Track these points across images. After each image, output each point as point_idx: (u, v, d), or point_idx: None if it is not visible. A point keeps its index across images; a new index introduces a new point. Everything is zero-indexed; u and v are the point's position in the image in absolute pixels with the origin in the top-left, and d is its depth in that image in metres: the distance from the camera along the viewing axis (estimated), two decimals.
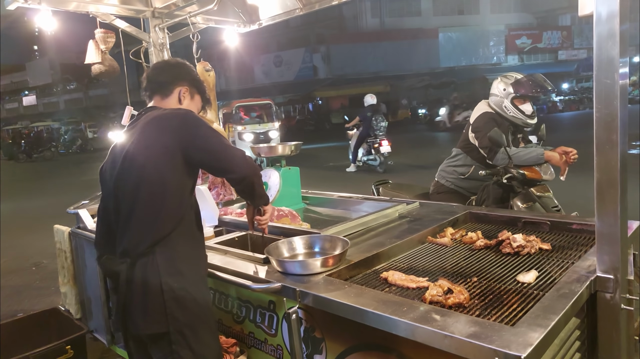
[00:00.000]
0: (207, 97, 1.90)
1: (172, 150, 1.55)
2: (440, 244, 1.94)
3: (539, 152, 2.72)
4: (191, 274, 1.58)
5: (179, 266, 1.55)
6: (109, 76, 3.06)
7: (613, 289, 1.39)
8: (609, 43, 1.27)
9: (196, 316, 1.56)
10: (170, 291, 1.51)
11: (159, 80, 1.76)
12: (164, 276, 1.51)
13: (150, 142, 1.57)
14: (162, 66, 1.85)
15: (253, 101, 14.99)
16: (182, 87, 1.76)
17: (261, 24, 3.39)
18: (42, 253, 5.63)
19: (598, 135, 1.32)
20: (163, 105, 1.73)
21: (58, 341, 2.57)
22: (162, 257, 1.52)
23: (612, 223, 1.36)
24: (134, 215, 1.54)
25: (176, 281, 1.53)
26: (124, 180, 1.57)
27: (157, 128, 1.59)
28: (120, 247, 1.56)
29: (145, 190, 1.53)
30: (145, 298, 1.52)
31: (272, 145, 2.77)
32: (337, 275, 1.60)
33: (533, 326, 1.13)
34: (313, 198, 3.01)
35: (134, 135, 1.60)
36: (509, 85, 2.89)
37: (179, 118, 1.60)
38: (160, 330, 1.52)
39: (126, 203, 1.56)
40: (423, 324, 1.18)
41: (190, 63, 1.89)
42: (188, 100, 1.78)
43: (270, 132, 13.07)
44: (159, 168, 1.54)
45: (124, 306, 1.56)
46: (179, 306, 1.52)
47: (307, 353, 1.54)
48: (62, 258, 3.05)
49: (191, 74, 1.81)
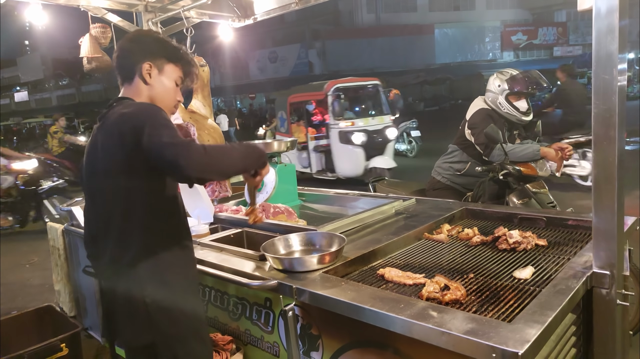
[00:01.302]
0: (188, 61, 1.58)
1: (129, 160, 1.36)
2: (437, 240, 1.94)
3: (535, 148, 2.72)
4: (178, 283, 1.48)
5: (165, 276, 1.45)
6: (101, 71, 3.02)
7: (609, 285, 1.40)
8: (608, 38, 1.26)
9: (184, 326, 1.48)
10: (155, 303, 1.42)
11: (120, 64, 1.53)
12: (147, 288, 1.42)
13: (108, 153, 1.41)
14: (120, 47, 1.55)
15: (357, 81, 9.30)
16: (144, 63, 1.49)
17: (256, 18, 3.36)
18: (36, 250, 5.60)
19: (596, 131, 1.32)
20: (129, 93, 1.52)
21: (53, 339, 2.54)
22: (145, 267, 1.42)
23: (608, 219, 1.36)
24: (111, 226, 1.44)
25: (161, 293, 1.43)
26: (94, 188, 1.49)
27: (110, 137, 1.40)
28: (105, 256, 1.48)
29: (117, 202, 1.42)
30: (130, 309, 1.44)
31: (268, 141, 2.75)
32: (333, 271, 1.59)
33: (530, 323, 1.13)
34: (309, 195, 3.00)
35: (99, 138, 1.45)
36: (503, 82, 2.88)
37: (125, 125, 1.36)
38: (146, 341, 1.44)
39: (102, 213, 1.47)
40: (420, 321, 1.18)
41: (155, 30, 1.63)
42: (156, 76, 1.51)
43: (387, 130, 8.05)
44: (123, 180, 1.39)
45: (110, 315, 1.51)
46: (165, 317, 1.43)
47: (303, 350, 1.54)
48: (56, 255, 3.03)
49: (152, 43, 1.53)
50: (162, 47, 1.54)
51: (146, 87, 1.52)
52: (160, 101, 1.54)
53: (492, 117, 2.91)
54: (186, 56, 1.59)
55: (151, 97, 1.53)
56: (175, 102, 1.60)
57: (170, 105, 1.59)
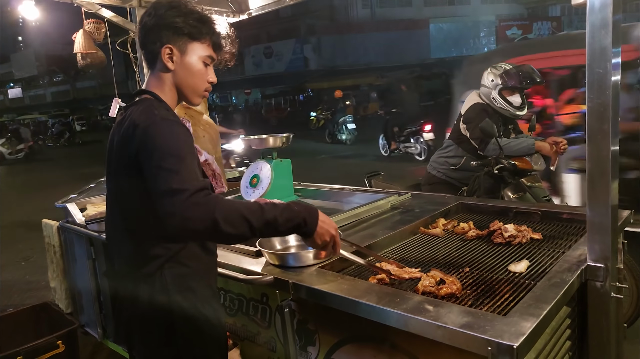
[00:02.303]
0: (217, 33, 1.40)
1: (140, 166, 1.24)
2: (432, 235, 1.95)
3: (529, 143, 2.73)
4: (203, 290, 1.39)
5: (190, 283, 1.35)
6: (95, 67, 3.01)
7: (604, 278, 1.41)
8: (601, 32, 1.26)
9: (207, 335, 1.39)
10: (181, 310, 1.32)
11: (143, 44, 1.36)
12: (173, 295, 1.31)
13: (122, 161, 1.31)
14: (140, 22, 1.38)
15: None
16: (164, 46, 1.33)
17: (250, 13, 3.34)
18: (32, 247, 5.58)
19: (590, 125, 1.33)
20: (152, 84, 1.39)
21: (49, 336, 2.54)
22: (171, 274, 1.32)
23: (603, 213, 1.36)
24: (130, 229, 1.34)
25: (186, 299, 1.33)
26: (114, 190, 1.38)
27: (121, 143, 1.30)
28: (121, 259, 1.40)
29: (135, 204, 1.30)
30: (152, 316, 1.33)
31: (263, 137, 2.74)
32: (329, 266, 1.59)
33: (525, 316, 1.14)
34: (305, 190, 2.99)
35: (114, 142, 1.35)
36: (497, 77, 2.89)
37: (135, 138, 1.24)
38: (169, 352, 1.34)
39: (120, 214, 1.36)
40: (416, 315, 1.18)
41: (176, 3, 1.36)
42: (179, 61, 1.35)
43: None
44: (139, 183, 1.24)
45: (128, 323, 1.42)
46: (189, 325, 1.34)
47: (300, 345, 1.54)
48: (51, 252, 3.02)
49: (169, 20, 1.32)
50: (183, 22, 1.32)
51: (169, 75, 1.37)
52: (188, 87, 1.39)
53: (487, 111, 2.92)
54: (213, 27, 1.39)
55: (177, 85, 1.39)
56: (207, 86, 1.43)
57: (200, 90, 1.42)
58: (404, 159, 10.42)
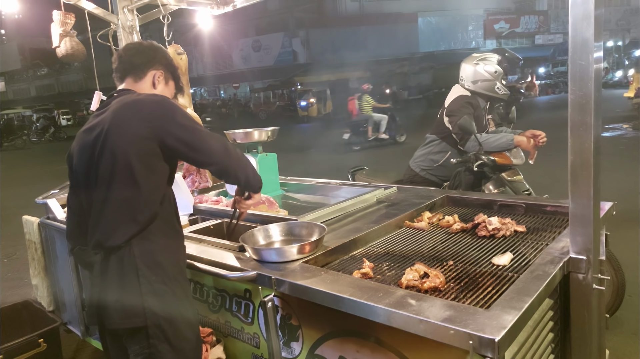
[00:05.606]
0: (180, 85, 1.82)
1: (147, 139, 1.46)
2: (418, 228, 1.94)
3: (508, 138, 2.73)
4: (170, 266, 1.52)
5: (158, 258, 1.49)
6: (75, 59, 2.94)
7: (585, 269, 1.41)
8: (583, 24, 1.26)
9: (175, 309, 1.50)
10: (148, 284, 1.45)
11: (133, 62, 1.65)
12: (141, 269, 1.45)
13: (123, 129, 1.46)
14: (137, 47, 1.73)
15: None
16: (157, 70, 1.68)
17: (235, 5, 3.29)
18: (14, 244, 5.48)
19: (572, 117, 1.32)
20: (136, 89, 1.63)
21: (31, 334, 2.50)
22: (140, 249, 1.46)
23: (585, 205, 1.37)
24: (107, 206, 1.46)
25: (155, 274, 1.47)
26: (96, 168, 1.49)
27: (132, 114, 1.48)
28: (94, 238, 1.49)
29: (119, 180, 1.45)
30: (121, 291, 1.45)
31: (248, 130, 2.70)
32: (313, 261, 1.58)
33: (507, 309, 1.14)
34: (291, 185, 2.97)
35: (106, 121, 1.49)
36: (496, 66, 2.90)
37: (155, 105, 1.50)
38: (137, 324, 1.45)
39: (98, 192, 1.48)
40: (398, 309, 1.18)
41: (164, 48, 1.80)
42: (162, 85, 1.70)
43: None
44: (133, 157, 1.44)
45: (99, 299, 1.50)
46: (157, 299, 1.46)
47: (283, 341, 1.53)
48: (32, 249, 2.96)
49: (167, 58, 1.73)
50: (172, 66, 1.76)
51: (152, 91, 1.67)
52: None
53: (472, 103, 2.91)
54: (180, 82, 1.83)
55: None
56: None
57: None
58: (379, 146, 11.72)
